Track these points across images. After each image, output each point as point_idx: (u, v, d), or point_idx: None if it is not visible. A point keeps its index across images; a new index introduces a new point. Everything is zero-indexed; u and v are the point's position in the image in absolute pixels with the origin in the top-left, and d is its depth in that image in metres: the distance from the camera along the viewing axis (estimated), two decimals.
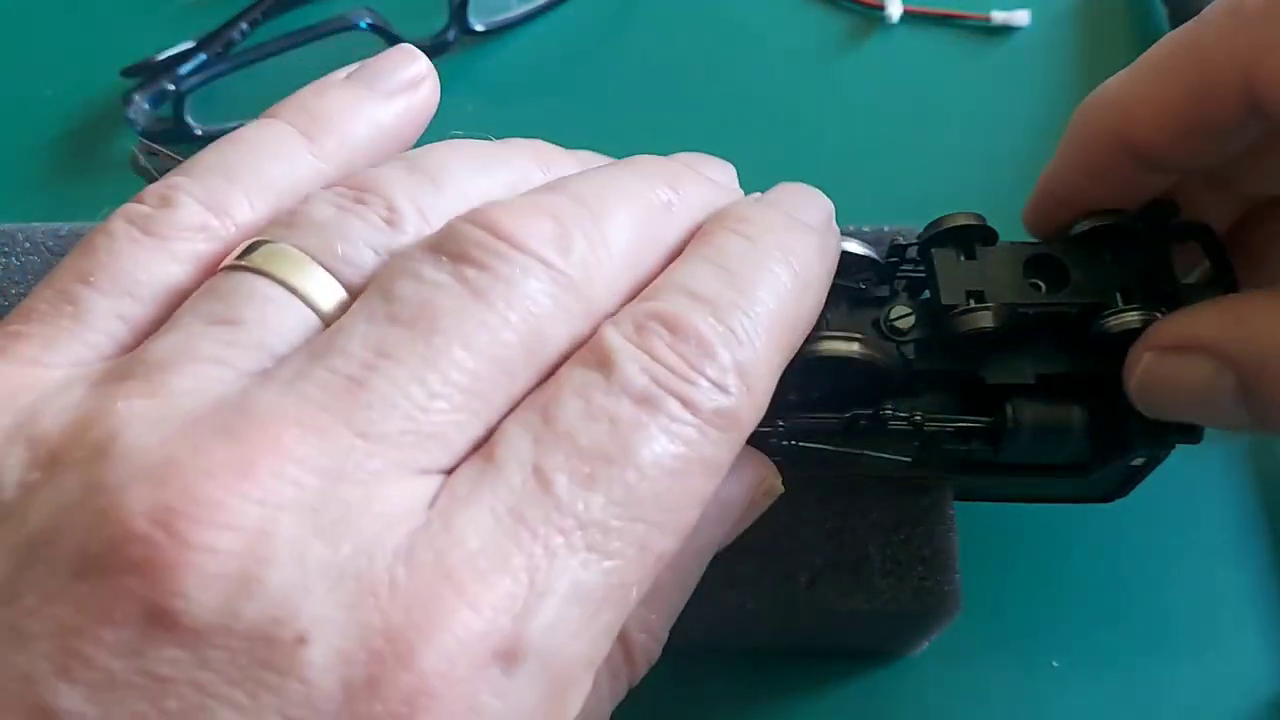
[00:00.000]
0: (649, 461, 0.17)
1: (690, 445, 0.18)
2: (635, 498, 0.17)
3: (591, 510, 0.16)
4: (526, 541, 0.16)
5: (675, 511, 0.17)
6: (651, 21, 0.42)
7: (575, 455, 0.17)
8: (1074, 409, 0.24)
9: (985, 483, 0.28)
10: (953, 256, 0.24)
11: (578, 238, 0.18)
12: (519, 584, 0.16)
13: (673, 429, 0.17)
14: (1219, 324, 0.22)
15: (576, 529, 0.16)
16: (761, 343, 0.19)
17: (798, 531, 0.27)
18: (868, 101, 0.41)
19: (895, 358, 0.24)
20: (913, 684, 0.31)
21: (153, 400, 0.16)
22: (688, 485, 0.18)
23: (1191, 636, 0.31)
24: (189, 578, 0.14)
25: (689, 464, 0.18)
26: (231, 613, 0.14)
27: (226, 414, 0.16)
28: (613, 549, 0.17)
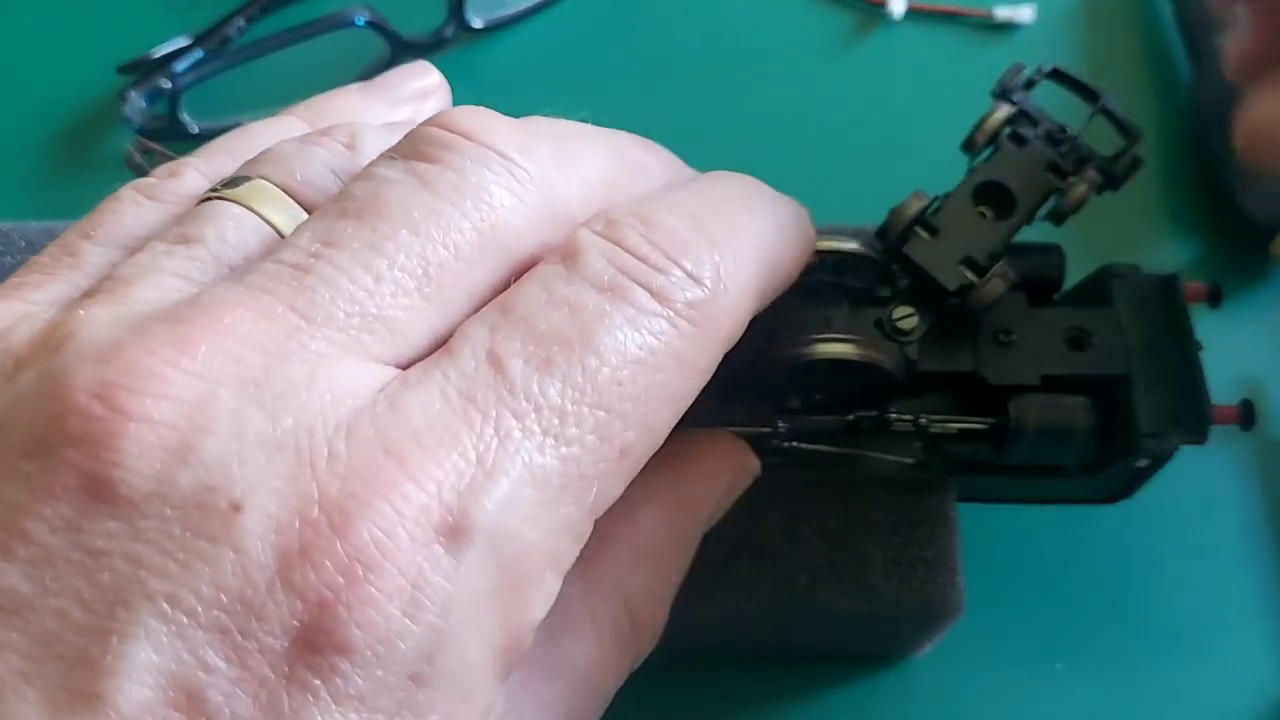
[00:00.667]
0: (611, 348, 0.17)
1: (659, 337, 0.17)
2: (596, 385, 0.16)
3: (548, 394, 0.16)
4: (477, 421, 0.16)
5: (641, 404, 0.17)
6: (651, 18, 0.42)
7: (532, 341, 0.16)
8: (1078, 410, 0.24)
9: (988, 484, 0.27)
10: (925, 242, 0.24)
11: (541, 144, 0.18)
12: (467, 461, 0.15)
13: (639, 319, 0.17)
14: None
15: (531, 412, 0.16)
16: (743, 259, 0.19)
17: (798, 533, 0.27)
18: (870, 98, 0.41)
19: (898, 359, 0.24)
20: (914, 687, 0.31)
21: (112, 306, 0.16)
22: (655, 379, 0.17)
23: (1196, 639, 0.31)
24: (126, 447, 0.14)
25: (656, 355, 0.17)
26: (167, 481, 0.14)
27: (177, 307, 0.16)
28: (570, 435, 0.16)
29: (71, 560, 0.14)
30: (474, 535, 0.15)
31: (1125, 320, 0.25)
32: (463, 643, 0.15)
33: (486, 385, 0.16)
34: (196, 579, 0.14)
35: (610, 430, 0.16)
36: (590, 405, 0.16)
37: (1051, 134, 0.24)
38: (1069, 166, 0.24)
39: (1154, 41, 0.42)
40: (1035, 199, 0.24)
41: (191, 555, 0.14)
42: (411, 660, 0.15)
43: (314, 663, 0.14)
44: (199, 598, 0.14)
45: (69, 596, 0.14)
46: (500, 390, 0.16)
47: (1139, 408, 0.24)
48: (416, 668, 0.15)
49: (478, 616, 0.15)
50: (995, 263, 0.23)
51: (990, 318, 0.25)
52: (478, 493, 0.15)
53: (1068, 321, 0.25)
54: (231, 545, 0.14)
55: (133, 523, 0.14)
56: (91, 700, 0.14)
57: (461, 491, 0.15)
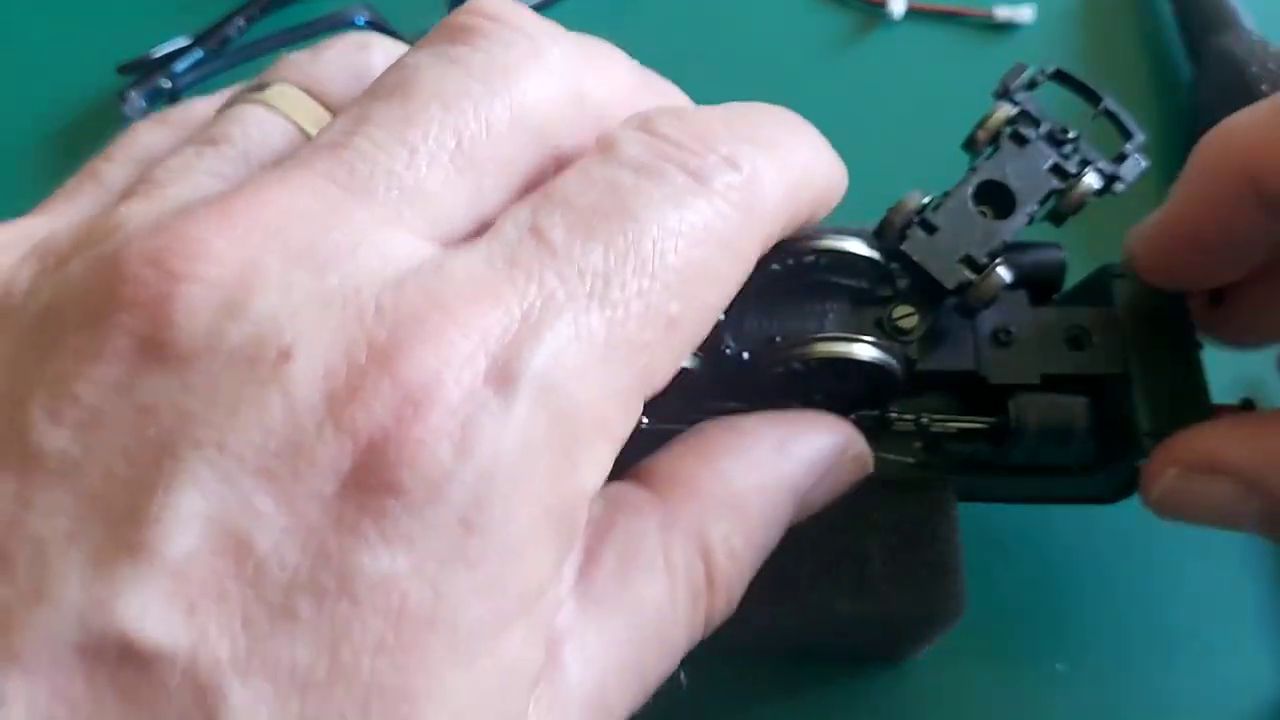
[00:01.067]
0: (651, 219, 0.17)
1: (699, 214, 0.17)
2: (638, 251, 0.16)
3: (590, 258, 0.16)
4: (520, 281, 0.16)
5: (684, 276, 0.17)
6: (650, 18, 0.42)
7: (573, 213, 0.16)
8: (1078, 409, 0.24)
9: (989, 483, 0.27)
10: (924, 240, 0.24)
11: (570, 42, 0.19)
12: (511, 316, 0.15)
13: (678, 197, 0.17)
14: (1248, 449, 0.22)
15: (574, 275, 0.16)
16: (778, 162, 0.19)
17: (798, 532, 0.27)
18: (870, 98, 0.41)
19: (899, 358, 0.24)
20: (915, 687, 0.31)
21: (151, 203, 0.17)
22: (696, 253, 0.17)
23: (1197, 640, 0.31)
24: (176, 307, 0.15)
25: (696, 230, 0.17)
26: (217, 335, 0.15)
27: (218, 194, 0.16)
28: (614, 298, 0.16)
29: (120, 419, 0.14)
30: (521, 384, 0.15)
31: (1125, 320, 0.25)
32: (513, 494, 0.15)
33: (529, 252, 0.16)
34: (244, 425, 0.14)
35: (655, 297, 0.16)
36: (634, 270, 0.16)
37: (1053, 134, 0.24)
38: (1070, 167, 0.24)
39: (1154, 41, 0.42)
40: (1036, 199, 0.24)
41: (239, 402, 0.14)
42: (461, 505, 0.14)
43: (363, 504, 0.14)
44: (247, 443, 0.14)
45: (116, 454, 0.14)
46: (543, 256, 0.16)
47: (1139, 407, 0.24)
48: (466, 513, 0.14)
49: (528, 470, 0.15)
50: (994, 261, 0.23)
51: (990, 317, 0.25)
52: (524, 344, 0.15)
53: (1067, 321, 0.25)
54: (280, 390, 0.14)
55: (182, 377, 0.14)
56: (137, 550, 0.14)
57: (508, 343, 0.15)
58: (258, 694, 0.13)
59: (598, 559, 0.18)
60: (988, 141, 0.24)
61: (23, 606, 0.13)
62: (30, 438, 0.14)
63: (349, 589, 0.14)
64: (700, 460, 0.20)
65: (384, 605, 0.14)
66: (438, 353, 0.15)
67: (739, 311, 0.24)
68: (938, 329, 0.24)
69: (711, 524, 0.19)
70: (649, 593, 0.18)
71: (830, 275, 0.24)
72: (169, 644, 0.13)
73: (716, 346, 0.23)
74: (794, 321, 0.24)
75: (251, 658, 0.14)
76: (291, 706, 0.14)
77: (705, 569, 0.19)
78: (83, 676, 0.13)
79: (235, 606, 0.14)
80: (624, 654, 0.18)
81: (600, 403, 0.16)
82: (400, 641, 0.14)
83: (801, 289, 0.24)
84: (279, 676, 0.14)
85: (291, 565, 0.14)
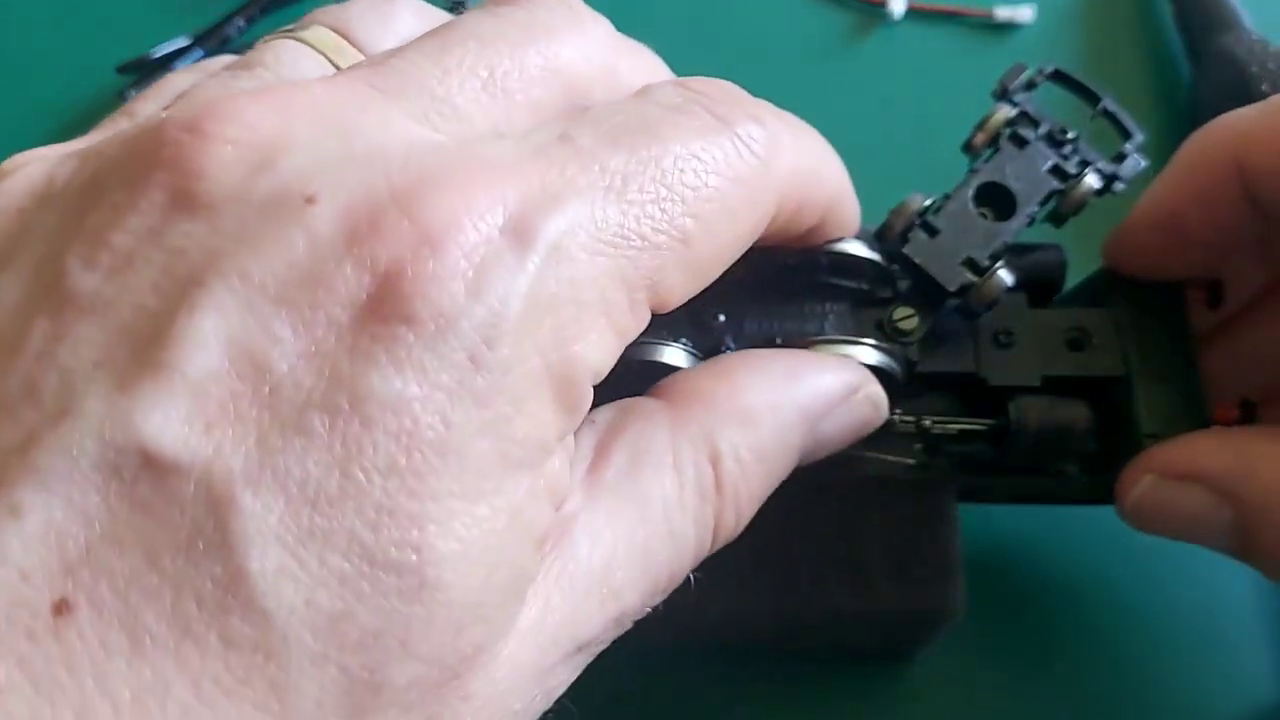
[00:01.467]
0: (675, 142, 0.18)
1: (721, 149, 0.18)
2: (660, 165, 0.17)
3: (613, 160, 0.17)
4: (544, 165, 0.16)
5: (701, 197, 0.18)
6: (650, 17, 0.42)
7: (602, 126, 0.17)
8: (1078, 411, 0.24)
9: (989, 484, 0.27)
10: (925, 243, 0.24)
11: (612, 29, 0.20)
12: (531, 185, 0.16)
13: (704, 131, 0.18)
14: (1223, 459, 0.23)
15: (596, 169, 0.17)
16: (795, 139, 0.20)
17: (798, 532, 0.27)
18: (869, 99, 0.41)
19: (899, 360, 0.24)
20: (915, 686, 0.31)
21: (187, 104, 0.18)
22: (714, 181, 0.18)
23: (1197, 640, 0.31)
24: (209, 163, 0.16)
25: (717, 162, 0.18)
26: (246, 186, 0.15)
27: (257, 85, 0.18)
28: (632, 197, 0.17)
29: (151, 259, 0.15)
30: (536, 242, 0.16)
31: (1125, 320, 0.25)
32: (520, 343, 0.15)
33: (557, 146, 0.17)
34: (267, 257, 0.15)
35: (671, 207, 0.17)
36: (653, 178, 0.17)
37: (1053, 135, 0.24)
38: (1070, 168, 0.24)
39: (1154, 41, 0.42)
40: (1036, 200, 0.24)
41: (264, 238, 0.15)
42: (470, 341, 0.15)
43: (377, 332, 0.15)
44: (269, 273, 0.15)
45: (146, 290, 0.15)
46: (569, 151, 0.17)
47: (1139, 408, 0.24)
48: (475, 350, 0.15)
49: (535, 323, 0.16)
50: (995, 263, 0.23)
51: (990, 319, 0.25)
52: (541, 209, 0.16)
53: (1067, 322, 0.25)
54: (303, 228, 0.15)
55: (212, 222, 0.15)
56: (158, 367, 0.14)
57: (527, 206, 0.16)
58: (269, 505, 0.14)
59: (608, 455, 0.19)
60: (987, 143, 0.24)
61: (46, 425, 0.14)
62: (65, 283, 0.15)
63: (361, 409, 0.14)
64: (714, 376, 0.21)
65: (395, 428, 0.14)
66: (457, 201, 0.15)
67: (739, 313, 0.24)
68: (938, 331, 0.24)
69: (720, 431, 0.20)
70: (657, 487, 0.19)
71: (831, 277, 0.24)
72: (186, 456, 0.14)
73: (717, 348, 0.23)
74: (795, 323, 0.24)
75: (264, 471, 0.14)
76: (302, 518, 0.14)
77: (713, 473, 0.20)
78: (99, 491, 0.14)
79: (250, 424, 0.14)
80: (631, 539, 0.18)
81: (608, 285, 0.17)
82: (411, 466, 0.14)
83: (802, 291, 0.24)
84: (290, 489, 0.14)
85: (306, 387, 0.14)
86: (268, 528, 0.14)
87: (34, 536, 0.13)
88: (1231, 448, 0.23)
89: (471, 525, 0.15)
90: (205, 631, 0.14)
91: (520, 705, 0.16)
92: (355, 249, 0.15)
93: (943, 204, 0.24)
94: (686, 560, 0.19)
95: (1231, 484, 0.22)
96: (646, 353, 0.22)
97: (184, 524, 0.14)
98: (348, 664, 0.14)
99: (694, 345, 0.23)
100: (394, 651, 0.14)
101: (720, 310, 0.24)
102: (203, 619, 0.14)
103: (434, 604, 0.15)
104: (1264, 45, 0.38)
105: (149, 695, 0.13)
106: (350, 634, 0.14)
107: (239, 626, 0.14)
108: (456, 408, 0.15)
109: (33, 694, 0.13)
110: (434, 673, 0.15)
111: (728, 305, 0.24)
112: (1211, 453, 0.23)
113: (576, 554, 0.17)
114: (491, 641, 0.16)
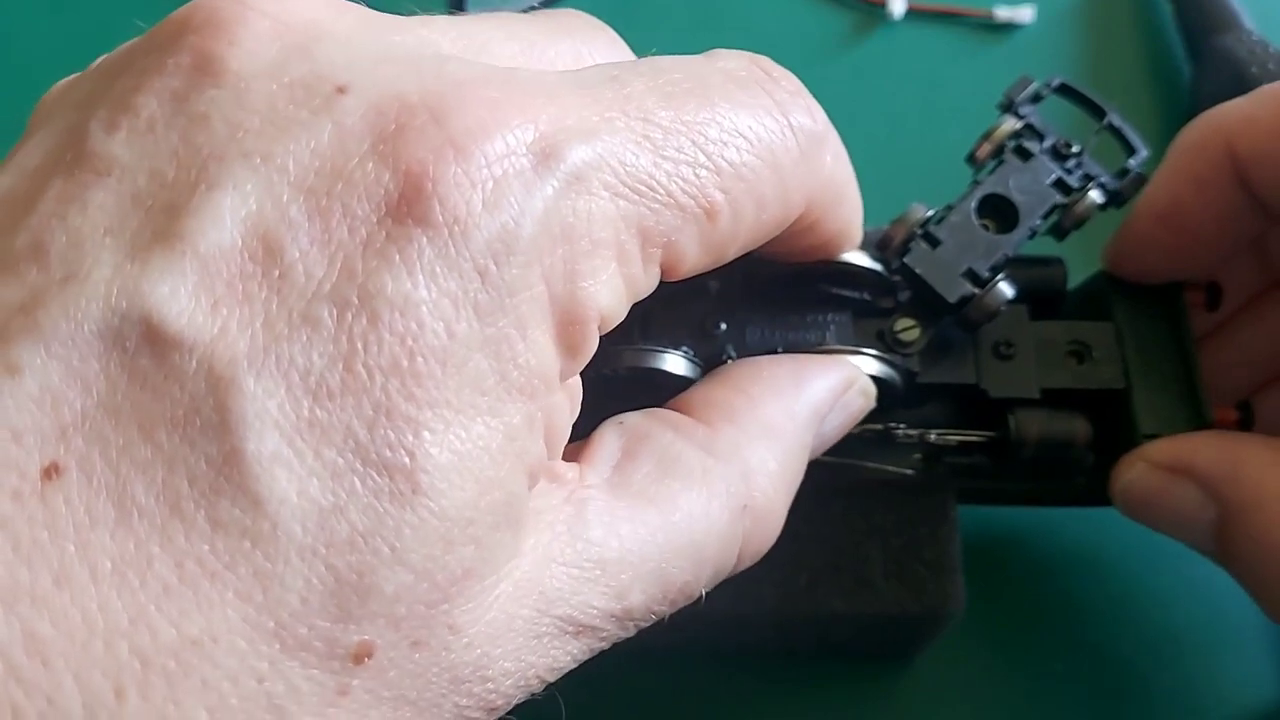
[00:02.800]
0: (726, 114, 0.18)
1: (769, 131, 0.18)
2: (704, 132, 0.17)
3: (659, 114, 0.17)
4: (586, 100, 0.17)
5: (734, 174, 0.18)
6: (650, 17, 0.42)
7: (657, 78, 0.17)
8: (1077, 421, 0.24)
9: (989, 486, 0.27)
10: (927, 253, 0.24)
11: None
12: (567, 115, 0.16)
13: (758, 111, 0.18)
14: (1217, 459, 0.23)
15: (639, 119, 0.17)
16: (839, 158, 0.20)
17: (798, 533, 0.27)
18: (869, 99, 0.41)
19: (900, 370, 0.24)
20: (914, 686, 0.31)
21: None
22: (752, 163, 0.18)
23: (1196, 641, 0.31)
24: (244, 31, 0.16)
25: (760, 145, 0.18)
26: (279, 66, 0.15)
27: None
28: (667, 153, 0.17)
29: (173, 124, 0.15)
30: (560, 165, 0.16)
31: (1125, 325, 0.25)
32: (530, 263, 0.15)
33: (604, 86, 0.17)
34: (292, 141, 0.15)
35: (705, 175, 0.17)
36: (693, 142, 0.17)
37: (1057, 149, 0.24)
38: (1074, 182, 0.24)
39: (1154, 41, 0.42)
40: (1039, 214, 0.24)
41: (291, 122, 0.15)
42: (481, 252, 0.15)
43: (394, 231, 0.15)
44: (292, 158, 0.15)
45: (165, 158, 0.15)
46: (617, 93, 0.17)
47: (1139, 409, 0.24)
48: (484, 263, 0.15)
49: (546, 247, 0.16)
50: (996, 275, 0.23)
51: (991, 330, 0.24)
52: (572, 137, 0.16)
53: (1068, 335, 0.25)
54: (331, 118, 0.15)
55: (238, 95, 0.15)
56: (171, 239, 0.14)
57: (557, 130, 0.16)
58: (270, 391, 0.14)
59: (635, 458, 0.19)
60: (991, 155, 0.24)
61: (51, 287, 0.14)
62: (84, 145, 0.15)
63: (369, 305, 0.14)
64: (731, 389, 0.21)
65: (401, 328, 0.14)
66: (489, 114, 0.15)
67: (741, 322, 0.24)
68: (939, 342, 0.24)
69: (748, 447, 0.20)
70: (685, 499, 0.19)
71: (833, 287, 0.24)
72: (190, 332, 0.14)
73: (718, 356, 0.23)
74: (796, 333, 0.24)
75: (269, 356, 0.14)
76: (302, 408, 0.14)
77: (744, 490, 0.20)
78: (99, 359, 0.14)
79: (259, 306, 0.14)
80: (648, 541, 0.18)
81: (625, 228, 0.17)
82: (413, 369, 0.14)
83: (804, 301, 0.24)
84: (293, 378, 0.14)
85: (317, 276, 0.14)
86: (267, 413, 0.14)
87: (29, 397, 0.13)
88: (1222, 447, 0.23)
89: (466, 439, 0.15)
90: (194, 510, 0.13)
91: (511, 665, 0.16)
92: (380, 145, 0.15)
93: (945, 215, 0.24)
94: (704, 575, 0.19)
95: (1216, 482, 0.23)
96: (648, 360, 0.22)
97: (183, 400, 0.14)
98: (335, 562, 0.14)
99: (695, 353, 0.23)
100: (383, 555, 0.14)
101: (722, 319, 0.24)
102: (193, 498, 0.13)
103: (425, 511, 0.14)
104: (1264, 45, 0.38)
105: (129, 568, 0.13)
106: (340, 531, 0.14)
107: (229, 509, 0.14)
108: (461, 318, 0.15)
109: (11, 554, 0.13)
110: (422, 587, 0.15)
111: (729, 314, 0.24)
112: (1201, 450, 0.23)
113: (588, 534, 0.17)
114: (482, 568, 0.15)
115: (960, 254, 0.24)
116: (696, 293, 0.24)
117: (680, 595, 0.19)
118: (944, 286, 0.23)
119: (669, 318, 0.23)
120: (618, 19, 0.21)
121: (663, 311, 0.23)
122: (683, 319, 0.23)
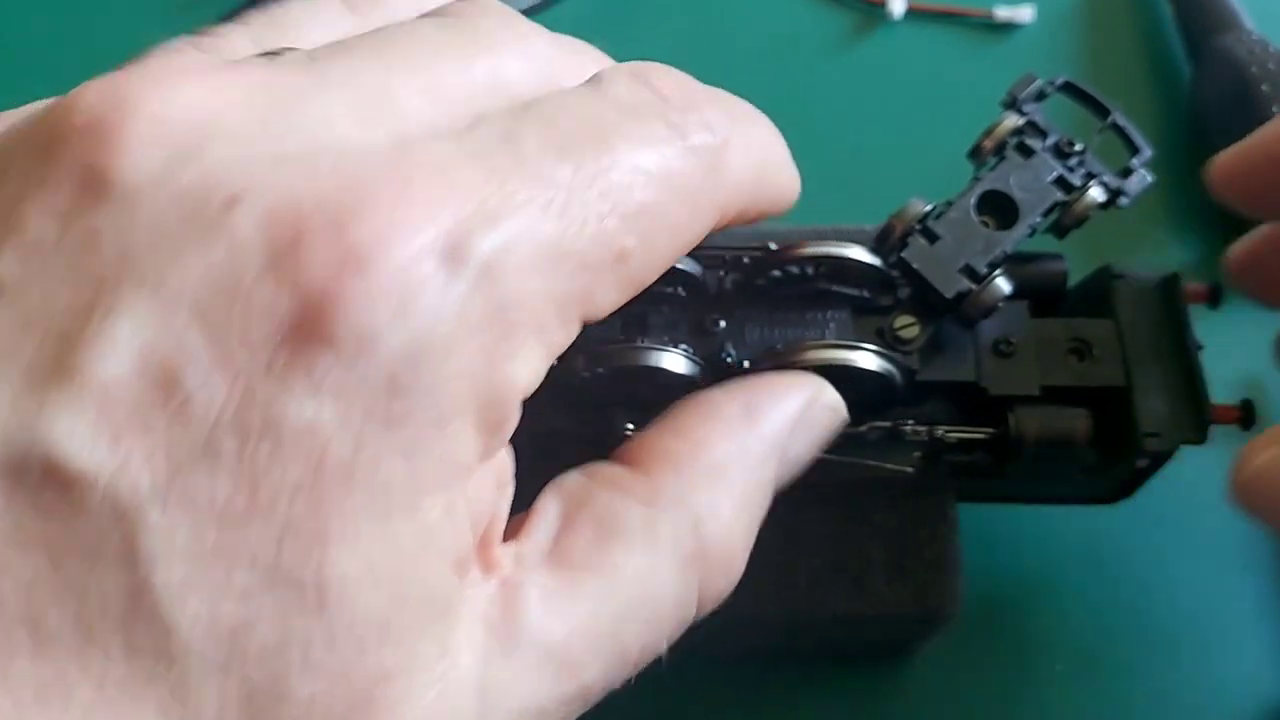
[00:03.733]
0: (625, 154, 0.17)
1: (670, 161, 0.18)
2: (606, 179, 0.17)
3: (558, 173, 0.16)
4: (484, 175, 0.16)
5: (644, 215, 0.17)
6: (650, 18, 0.42)
7: (550, 129, 0.17)
8: (1078, 421, 0.24)
9: (989, 484, 0.27)
10: (924, 248, 0.24)
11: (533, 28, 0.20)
12: (468, 200, 0.15)
13: (654, 141, 0.18)
14: None
15: (538, 183, 0.16)
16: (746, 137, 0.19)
17: (798, 533, 0.27)
18: (869, 99, 0.41)
19: (899, 367, 0.24)
20: (914, 687, 0.31)
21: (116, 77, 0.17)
22: (660, 197, 0.17)
23: (1196, 641, 0.31)
24: (127, 140, 0.15)
25: (664, 178, 0.17)
26: (168, 174, 0.15)
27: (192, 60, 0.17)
28: (572, 214, 0.16)
29: (63, 246, 0.14)
30: (468, 262, 0.15)
31: (1125, 321, 0.25)
32: (443, 365, 0.15)
33: (500, 152, 0.16)
34: (185, 264, 0.14)
35: (611, 226, 0.17)
36: (598, 195, 0.17)
37: (1060, 147, 0.24)
38: (1075, 180, 0.24)
39: (1154, 41, 0.42)
40: (1039, 211, 0.24)
41: (183, 242, 0.14)
42: (390, 364, 0.15)
43: (295, 352, 0.14)
44: (186, 281, 0.14)
45: (56, 279, 0.14)
46: (512, 158, 0.16)
47: (1139, 408, 0.24)
48: (394, 373, 0.15)
49: (460, 345, 0.15)
50: (994, 271, 0.23)
51: (991, 328, 0.24)
52: (477, 228, 0.15)
53: (1068, 332, 0.25)
54: (223, 234, 0.14)
55: (127, 212, 0.15)
56: (68, 372, 0.14)
57: (459, 222, 0.15)
58: (175, 522, 0.14)
59: (574, 526, 0.18)
60: (993, 151, 0.24)
61: None
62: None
63: (272, 432, 0.14)
64: (674, 435, 0.20)
65: (305, 451, 0.14)
66: (388, 218, 0.15)
67: (740, 319, 0.24)
68: (939, 339, 0.24)
69: (693, 495, 0.19)
70: (630, 562, 0.18)
71: (831, 284, 0.24)
72: (92, 468, 0.14)
73: (717, 354, 0.23)
74: (795, 330, 0.24)
75: (172, 487, 0.14)
76: (208, 536, 0.14)
77: (694, 540, 0.19)
78: (3, 494, 0.13)
79: (160, 438, 0.14)
80: (598, 616, 0.18)
81: (540, 305, 0.16)
82: (318, 487, 0.14)
83: (803, 297, 0.24)
84: (198, 507, 0.14)
85: (218, 404, 0.14)
86: (173, 544, 0.14)
87: None
88: None
89: (376, 544, 0.15)
90: (110, 636, 0.14)
91: None
92: (276, 262, 0.14)
93: (944, 210, 0.24)
94: (665, 631, 0.19)
95: None
96: (647, 358, 0.22)
97: (90, 533, 0.14)
98: (249, 674, 0.14)
99: (694, 351, 0.23)
100: (295, 665, 0.14)
101: (721, 316, 0.24)
102: (107, 626, 0.14)
103: (334, 621, 0.14)
104: (1264, 45, 0.38)
105: (52, 694, 0.13)
106: (251, 646, 0.14)
107: (144, 634, 0.14)
108: (370, 431, 0.14)
109: None
110: (339, 691, 0.14)
111: (728, 311, 0.24)
112: None
113: (528, 619, 0.17)
114: (405, 669, 0.15)
115: (958, 250, 0.24)
116: (695, 291, 0.24)
117: (641, 656, 0.18)
118: (940, 281, 0.23)
119: (668, 316, 0.23)
120: (618, 19, 0.21)
121: (662, 310, 0.23)
122: (681, 317, 0.23)
